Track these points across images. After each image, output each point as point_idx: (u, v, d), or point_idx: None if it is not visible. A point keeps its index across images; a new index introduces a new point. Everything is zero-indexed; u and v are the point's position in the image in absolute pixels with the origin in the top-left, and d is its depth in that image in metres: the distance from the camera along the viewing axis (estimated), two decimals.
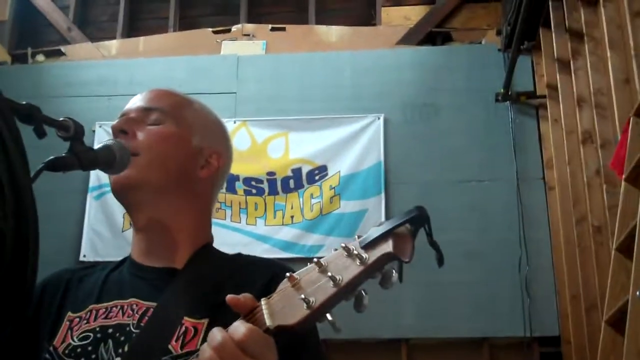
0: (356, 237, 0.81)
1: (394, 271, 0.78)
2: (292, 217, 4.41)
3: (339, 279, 0.77)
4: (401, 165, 4.42)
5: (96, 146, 1.13)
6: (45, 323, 1.22)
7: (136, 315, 1.17)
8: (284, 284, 0.84)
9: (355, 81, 4.73)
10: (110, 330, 1.15)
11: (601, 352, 2.62)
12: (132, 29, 5.43)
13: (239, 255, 1.34)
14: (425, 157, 4.41)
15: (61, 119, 0.96)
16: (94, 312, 1.20)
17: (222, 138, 1.42)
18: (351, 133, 4.53)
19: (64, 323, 1.19)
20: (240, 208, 4.48)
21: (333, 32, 5.13)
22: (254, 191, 4.51)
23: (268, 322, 0.82)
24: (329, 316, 0.79)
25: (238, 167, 4.50)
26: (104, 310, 1.20)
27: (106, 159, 1.07)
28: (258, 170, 4.55)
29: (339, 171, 4.46)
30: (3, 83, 0.82)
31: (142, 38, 5.27)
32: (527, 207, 4.26)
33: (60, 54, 5.30)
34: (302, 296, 0.79)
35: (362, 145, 4.49)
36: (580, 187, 3.66)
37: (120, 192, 1.25)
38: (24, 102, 0.86)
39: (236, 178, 4.49)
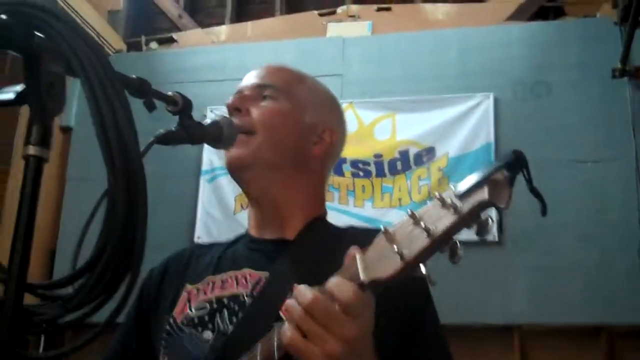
0: (451, 186, 0.78)
1: (489, 219, 0.75)
2: (399, 199, 4.38)
3: (433, 230, 0.75)
4: (512, 146, 4.19)
5: None
6: (167, 296, 1.28)
7: (249, 284, 1.20)
8: (379, 238, 0.82)
9: (463, 59, 4.61)
10: (225, 300, 1.20)
11: None
12: (240, 14, 5.52)
13: (351, 227, 1.36)
14: (537, 136, 4.25)
15: (169, 93, 0.99)
16: (210, 283, 1.25)
17: (334, 113, 1.43)
18: (460, 113, 4.43)
19: (183, 294, 1.25)
20: (347, 190, 4.49)
21: (440, 10, 5.03)
22: (361, 173, 4.50)
23: (362, 276, 0.81)
24: (422, 268, 0.77)
25: (345, 150, 4.47)
26: (220, 281, 1.24)
27: (214, 134, 1.09)
28: (365, 152, 4.53)
29: (448, 152, 4.38)
30: (119, 70, 0.87)
31: (249, 23, 5.36)
32: None
33: (172, 40, 5.46)
34: (396, 248, 0.77)
35: (471, 125, 4.39)
36: None
37: (235, 170, 1.28)
38: (134, 76, 0.88)
39: (343, 160, 4.50)
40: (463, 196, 0.74)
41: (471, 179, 0.74)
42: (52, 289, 0.76)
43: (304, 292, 0.84)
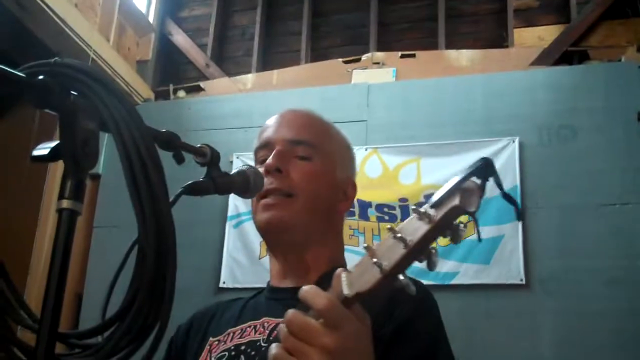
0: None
1: (461, 226, 0.77)
2: None
3: (409, 240, 0.77)
4: (538, 190, 4.27)
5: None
6: (191, 350, 1.30)
7: (266, 331, 1.21)
8: (364, 256, 0.84)
9: (487, 104, 4.63)
10: (243, 347, 1.22)
11: None
12: (266, 63, 5.61)
13: None
14: (564, 180, 4.24)
15: (198, 145, 1.01)
16: (230, 334, 1.27)
17: (354, 163, 1.46)
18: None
19: (205, 348, 1.26)
20: (373, 235, 4.49)
21: (464, 56, 5.08)
22: (386, 217, 4.51)
23: (345, 291, 0.83)
24: (400, 277, 0.79)
25: (370, 194, 4.52)
26: (239, 331, 1.27)
27: (241, 184, 1.11)
28: (390, 196, 4.54)
29: None
30: (147, 118, 0.88)
31: (275, 71, 5.44)
32: None
33: (199, 89, 5.57)
34: (375, 260, 0.80)
35: (496, 169, 4.37)
36: None
37: (273, 232, 1.30)
38: (163, 130, 0.91)
39: (368, 205, 4.51)
40: (436, 206, 0.77)
41: (443, 189, 0.77)
42: (83, 338, 0.78)
43: (287, 313, 0.86)
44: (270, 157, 1.31)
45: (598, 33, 4.92)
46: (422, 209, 0.78)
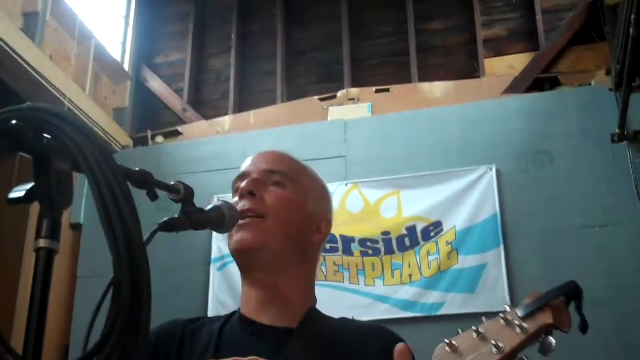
0: (506, 306, 0.88)
1: (551, 339, 0.85)
2: (410, 275, 4.37)
3: (502, 347, 0.82)
4: (519, 216, 4.32)
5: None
6: None
7: None
8: (441, 350, 0.86)
9: (463, 134, 4.70)
10: None
11: None
12: (243, 104, 5.66)
13: (345, 319, 1.37)
14: (543, 205, 4.29)
15: (172, 183, 1.03)
16: None
17: (329, 205, 1.47)
18: (464, 186, 4.48)
19: None
20: (357, 270, 4.49)
21: (437, 88, 5.15)
22: (370, 252, 4.51)
23: None
24: None
25: (353, 229, 4.53)
26: None
27: (216, 219, 1.12)
28: (373, 230, 4.56)
29: (455, 226, 4.41)
30: (127, 165, 0.90)
31: (252, 112, 5.49)
32: None
33: (177, 134, 5.60)
34: None
35: (476, 197, 4.43)
36: None
37: (244, 252, 1.30)
38: (136, 169, 0.93)
39: (352, 240, 4.52)
40: (527, 317, 0.84)
41: (533, 303, 0.84)
42: None
43: None
44: (244, 182, 1.33)
45: (567, 59, 5.02)
46: (510, 318, 0.84)
